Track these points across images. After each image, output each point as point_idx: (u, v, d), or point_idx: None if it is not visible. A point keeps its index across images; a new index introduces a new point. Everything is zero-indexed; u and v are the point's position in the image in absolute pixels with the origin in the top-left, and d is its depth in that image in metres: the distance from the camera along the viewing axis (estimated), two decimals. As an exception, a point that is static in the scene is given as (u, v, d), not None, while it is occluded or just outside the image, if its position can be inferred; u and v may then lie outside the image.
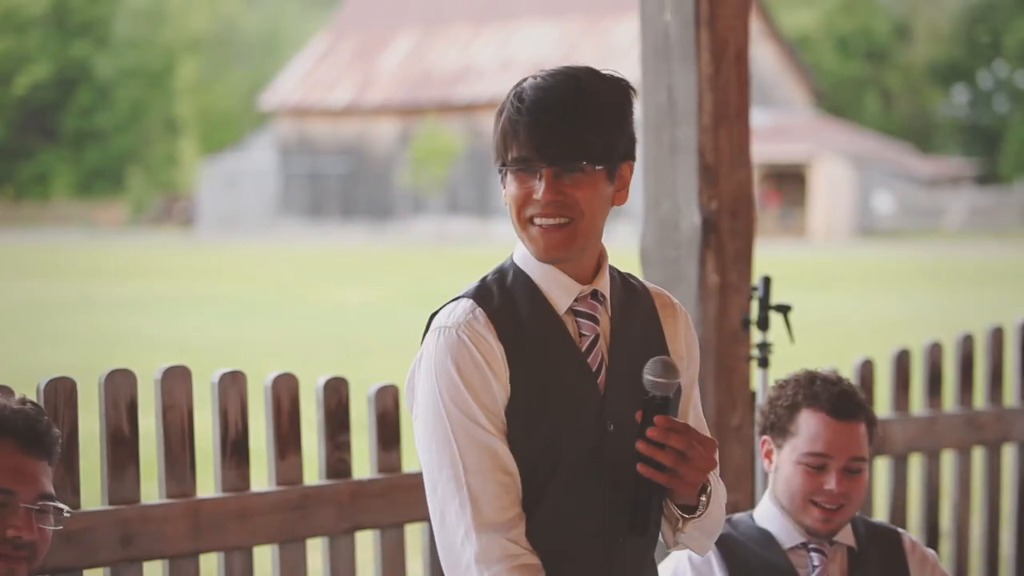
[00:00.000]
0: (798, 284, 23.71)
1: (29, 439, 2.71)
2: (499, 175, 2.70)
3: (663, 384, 2.58)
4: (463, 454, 2.60)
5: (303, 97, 53.00)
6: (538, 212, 2.64)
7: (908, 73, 61.14)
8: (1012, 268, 30.40)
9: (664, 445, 2.56)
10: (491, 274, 2.75)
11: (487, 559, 2.59)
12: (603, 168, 2.66)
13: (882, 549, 3.49)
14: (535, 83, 2.65)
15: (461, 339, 2.64)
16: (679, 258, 4.24)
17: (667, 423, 2.57)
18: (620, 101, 2.68)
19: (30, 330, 18.98)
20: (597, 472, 2.68)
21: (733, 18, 4.23)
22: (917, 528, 4.92)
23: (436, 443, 2.63)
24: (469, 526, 2.59)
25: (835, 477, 3.33)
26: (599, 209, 2.68)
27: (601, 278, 2.74)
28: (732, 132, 4.25)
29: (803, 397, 3.39)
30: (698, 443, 2.58)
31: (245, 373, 3.67)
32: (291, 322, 20.36)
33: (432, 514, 2.66)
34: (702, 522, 2.74)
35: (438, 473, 2.62)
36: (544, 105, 2.62)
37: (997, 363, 5.13)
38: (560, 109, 2.62)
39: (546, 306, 2.70)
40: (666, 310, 2.83)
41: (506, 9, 52.49)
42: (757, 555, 3.34)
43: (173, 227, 55.30)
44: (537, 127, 2.61)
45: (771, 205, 47.29)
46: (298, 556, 3.76)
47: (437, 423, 2.63)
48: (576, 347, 2.70)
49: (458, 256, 35.33)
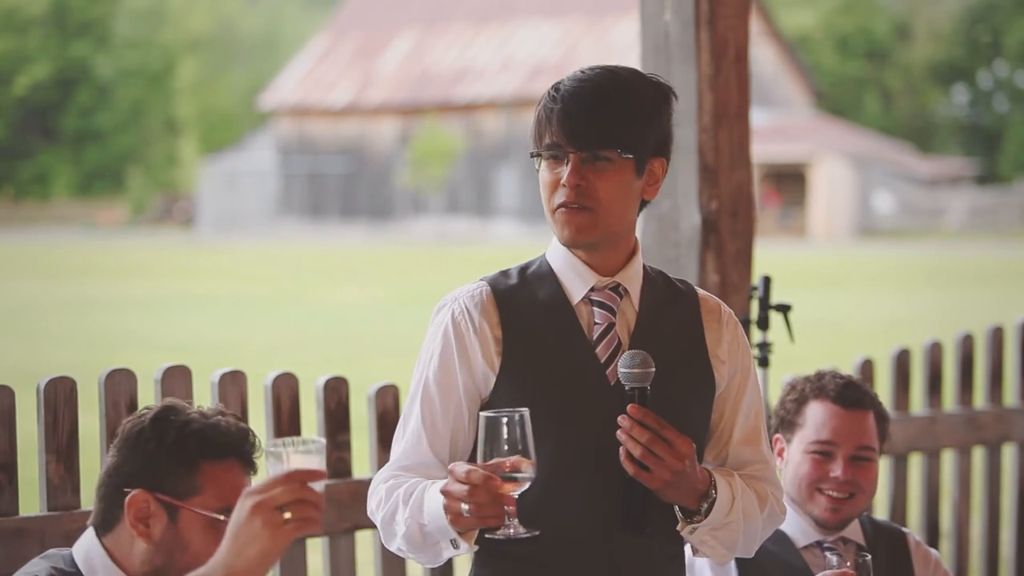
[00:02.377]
0: (798, 284, 23.70)
1: (249, 460, 2.65)
2: (535, 167, 2.77)
3: (635, 375, 2.62)
4: (421, 409, 2.80)
5: (303, 97, 52.98)
6: (565, 198, 2.70)
7: (908, 73, 61.12)
8: (1012, 268, 30.39)
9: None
10: (517, 265, 2.85)
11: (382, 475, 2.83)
12: (631, 160, 2.70)
13: (888, 548, 3.50)
14: (575, 75, 2.73)
15: (452, 312, 2.77)
16: (679, 258, 4.25)
17: (638, 414, 2.61)
18: (655, 97, 2.75)
19: (30, 330, 18.99)
20: (606, 461, 2.69)
21: (733, 18, 4.23)
22: (917, 528, 4.92)
23: (411, 392, 2.83)
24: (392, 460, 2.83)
25: (841, 465, 3.34)
26: (623, 200, 2.72)
27: (627, 272, 2.77)
28: (732, 132, 4.25)
29: (810, 390, 3.43)
30: (671, 441, 2.61)
31: (245, 373, 3.67)
32: (291, 322, 20.36)
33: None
34: (719, 531, 2.75)
35: (406, 414, 2.83)
36: (577, 95, 2.69)
37: (997, 363, 5.13)
38: (591, 99, 2.68)
39: (559, 293, 2.76)
40: (711, 315, 2.86)
41: (506, 9, 52.47)
42: (771, 553, 3.33)
43: (173, 227, 55.28)
44: (568, 115, 2.68)
45: (771, 205, 47.28)
46: (298, 556, 3.76)
47: (416, 376, 2.83)
48: (584, 336, 2.74)
49: (458, 256, 35.32)
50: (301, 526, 2.31)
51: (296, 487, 2.30)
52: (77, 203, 59.48)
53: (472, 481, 2.50)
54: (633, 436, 2.61)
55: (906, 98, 61.44)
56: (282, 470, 2.31)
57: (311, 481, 2.31)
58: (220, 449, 2.62)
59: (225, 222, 53.06)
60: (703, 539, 2.76)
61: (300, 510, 2.29)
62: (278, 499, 2.29)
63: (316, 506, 2.31)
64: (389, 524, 2.74)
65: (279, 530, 2.29)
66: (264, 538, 2.29)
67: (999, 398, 5.15)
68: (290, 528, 2.30)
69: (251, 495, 2.31)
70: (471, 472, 2.50)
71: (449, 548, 2.64)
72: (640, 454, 2.61)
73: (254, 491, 2.31)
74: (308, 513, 2.30)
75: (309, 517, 2.30)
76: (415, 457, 2.78)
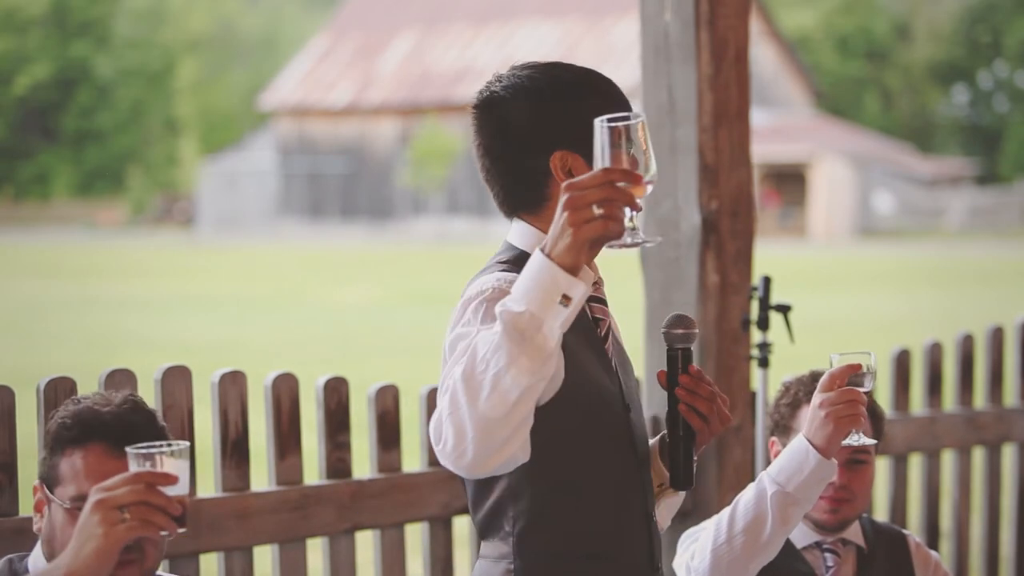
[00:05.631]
0: (798, 284, 23.70)
1: (120, 441, 2.54)
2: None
3: (680, 335, 2.70)
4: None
5: (303, 97, 52.97)
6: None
7: (908, 73, 61.11)
8: (1012, 268, 30.38)
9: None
10: (507, 261, 2.72)
11: None
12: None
13: (889, 550, 3.49)
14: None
15: (497, 287, 2.58)
16: (679, 258, 4.25)
17: (699, 373, 2.69)
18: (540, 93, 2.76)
19: (30, 330, 18.98)
20: (630, 453, 2.74)
21: (733, 18, 4.23)
22: (917, 528, 4.91)
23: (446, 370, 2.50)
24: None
25: (837, 469, 3.33)
26: None
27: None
28: (732, 132, 4.25)
29: (803, 394, 3.41)
30: (721, 397, 2.73)
31: (245, 373, 3.67)
32: (291, 322, 20.36)
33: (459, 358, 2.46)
34: (672, 499, 2.85)
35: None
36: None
37: (997, 363, 5.12)
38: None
39: None
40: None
41: (506, 9, 52.46)
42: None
43: (173, 227, 55.27)
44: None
45: (771, 205, 47.27)
46: (298, 556, 3.76)
47: (470, 321, 2.54)
48: (596, 332, 2.75)
49: (458, 256, 35.30)
50: (137, 528, 2.29)
51: (140, 488, 2.29)
52: (77, 203, 59.46)
53: (613, 178, 2.26)
54: (699, 393, 2.68)
55: (906, 98, 61.43)
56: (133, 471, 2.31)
57: (162, 485, 2.30)
58: (81, 434, 2.58)
59: (225, 222, 53.05)
60: (660, 509, 2.84)
61: (139, 512, 2.28)
62: (119, 498, 2.28)
63: (162, 510, 2.29)
64: (474, 373, 2.32)
65: (112, 528, 2.28)
66: (98, 536, 2.29)
67: (999, 398, 5.15)
68: (123, 529, 2.28)
69: (97, 491, 2.30)
70: (610, 169, 2.27)
71: (559, 313, 2.31)
72: (707, 409, 2.69)
73: (101, 487, 2.30)
74: (148, 516, 2.28)
75: (148, 520, 2.28)
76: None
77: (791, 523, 2.98)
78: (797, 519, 2.99)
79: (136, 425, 2.60)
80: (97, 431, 2.58)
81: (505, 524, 2.70)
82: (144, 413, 2.65)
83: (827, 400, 2.92)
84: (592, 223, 2.26)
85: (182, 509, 2.35)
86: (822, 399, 2.93)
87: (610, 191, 2.26)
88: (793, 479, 2.95)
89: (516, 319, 2.29)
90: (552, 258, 2.29)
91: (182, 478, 2.36)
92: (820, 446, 2.93)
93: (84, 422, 2.60)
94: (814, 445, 2.93)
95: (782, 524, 2.97)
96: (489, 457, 2.37)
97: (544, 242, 2.31)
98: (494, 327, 2.33)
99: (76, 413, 2.61)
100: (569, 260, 2.28)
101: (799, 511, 2.98)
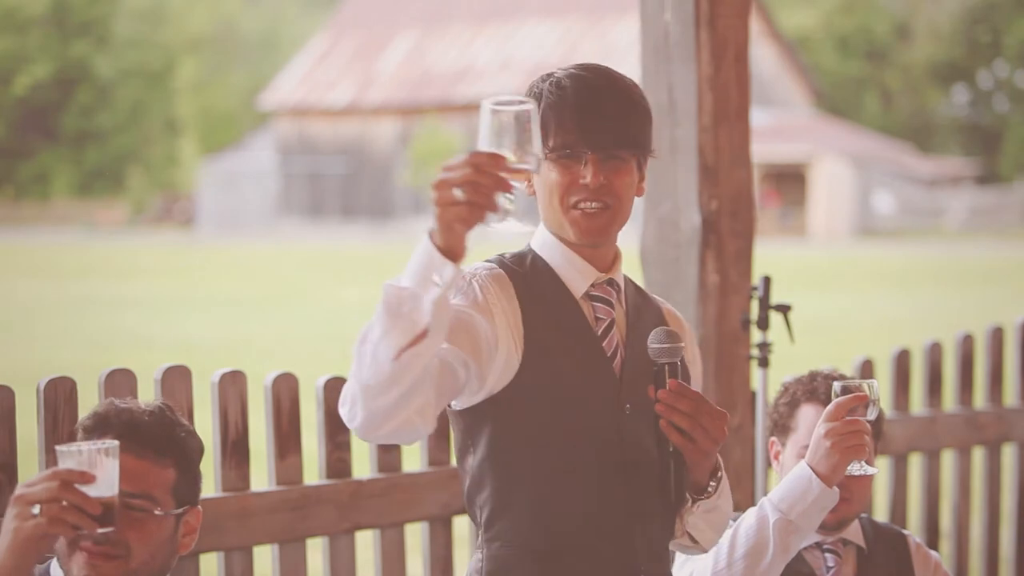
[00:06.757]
0: (798, 284, 23.70)
1: (130, 441, 2.56)
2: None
3: (668, 350, 2.66)
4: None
5: (303, 97, 52.97)
6: (584, 197, 2.69)
7: (908, 73, 61.11)
8: (1012, 268, 30.38)
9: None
10: (508, 256, 2.80)
11: None
12: (635, 158, 2.73)
13: (889, 550, 3.49)
14: (572, 74, 2.71)
15: (475, 279, 2.70)
16: (679, 258, 4.24)
17: (678, 387, 2.64)
18: (644, 97, 2.76)
19: (30, 330, 18.98)
20: (617, 452, 2.71)
21: (733, 18, 4.23)
22: (917, 528, 4.91)
23: None
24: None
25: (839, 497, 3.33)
26: (630, 198, 2.75)
27: (616, 269, 2.81)
28: (732, 132, 4.25)
29: (802, 394, 3.42)
30: (708, 413, 2.64)
31: (245, 373, 3.67)
32: (291, 322, 20.36)
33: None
34: (710, 514, 2.78)
35: None
36: (588, 93, 2.68)
37: (997, 363, 5.12)
38: (604, 97, 2.68)
39: (563, 289, 2.75)
40: (674, 322, 2.91)
41: (506, 9, 52.46)
42: None
43: (173, 227, 55.28)
44: (585, 113, 2.67)
45: (771, 205, 47.28)
46: (298, 556, 3.75)
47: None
48: (592, 329, 2.75)
49: (458, 256, 35.25)
50: (45, 525, 2.29)
51: (55, 486, 2.28)
52: (77, 203, 59.46)
53: (475, 162, 2.29)
54: (679, 408, 2.62)
55: (906, 98, 61.43)
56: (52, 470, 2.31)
57: (79, 483, 2.29)
58: (94, 429, 2.60)
59: (225, 222, 53.06)
60: (696, 523, 2.79)
61: (52, 509, 2.27)
62: (34, 495, 2.28)
63: (77, 508, 2.28)
64: (361, 342, 2.45)
65: (23, 524, 2.28)
66: (10, 531, 2.29)
67: (999, 398, 5.15)
68: (31, 526, 2.28)
69: (19, 487, 2.31)
70: (475, 153, 2.32)
71: (432, 291, 2.37)
72: (688, 425, 2.62)
73: (23, 484, 2.31)
74: (59, 513, 2.27)
75: (59, 517, 2.27)
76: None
77: (791, 551, 2.99)
78: (797, 547, 3.00)
79: (143, 426, 2.61)
80: (112, 428, 2.60)
81: (476, 513, 2.76)
82: (160, 417, 2.65)
83: (832, 430, 2.93)
84: (455, 206, 2.31)
85: (102, 508, 2.33)
86: (827, 429, 2.94)
87: (472, 175, 2.29)
88: (796, 507, 2.96)
89: (398, 293, 2.37)
90: (431, 239, 2.36)
91: (106, 477, 2.35)
92: (824, 475, 2.94)
93: (99, 416, 2.62)
94: (817, 473, 2.94)
95: (783, 551, 2.98)
96: (378, 422, 2.45)
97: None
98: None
99: (97, 410, 2.64)
100: (441, 241, 2.36)
101: (800, 539, 2.99)
